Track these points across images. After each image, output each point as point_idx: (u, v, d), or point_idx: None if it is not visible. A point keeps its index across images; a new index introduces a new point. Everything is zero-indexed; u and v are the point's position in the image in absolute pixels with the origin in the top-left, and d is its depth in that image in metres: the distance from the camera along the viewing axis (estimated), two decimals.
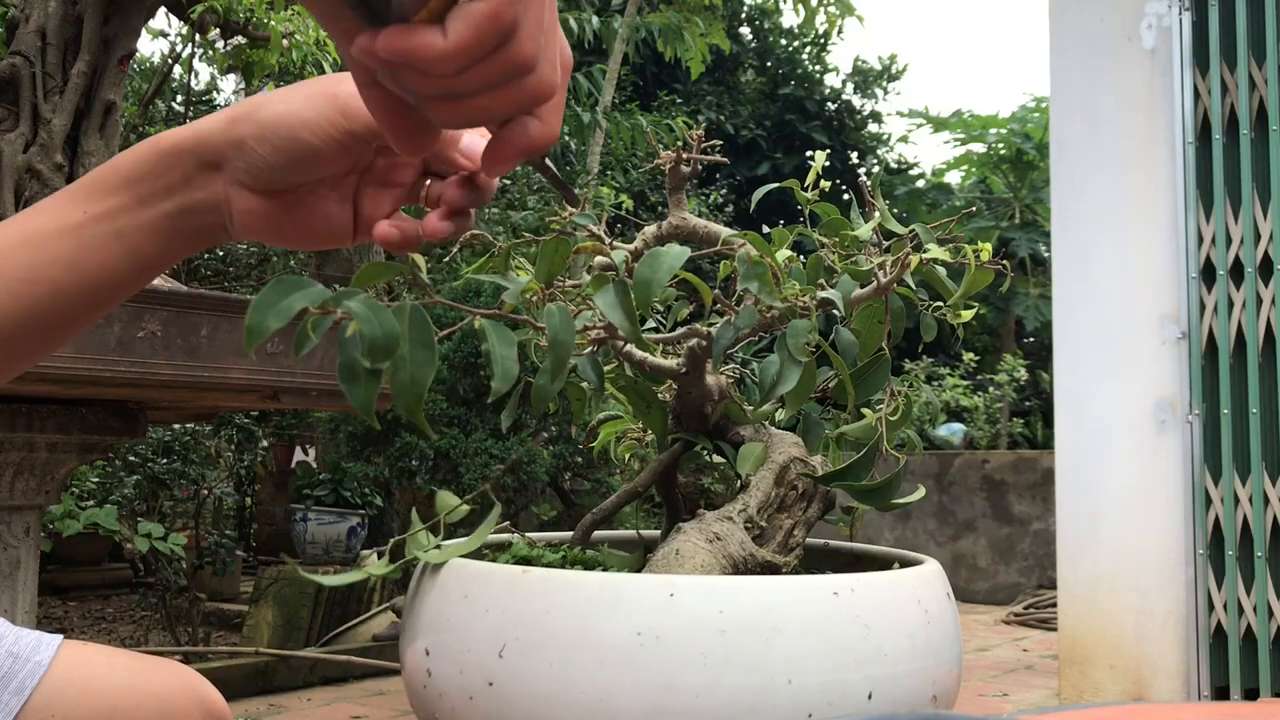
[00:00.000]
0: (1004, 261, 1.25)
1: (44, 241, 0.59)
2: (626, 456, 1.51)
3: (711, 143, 1.38)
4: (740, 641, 0.99)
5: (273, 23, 2.61)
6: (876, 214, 1.27)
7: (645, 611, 0.98)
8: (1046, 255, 10.65)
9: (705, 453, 1.41)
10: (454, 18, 0.44)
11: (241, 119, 0.59)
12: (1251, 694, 2.55)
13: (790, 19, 13.18)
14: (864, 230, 1.27)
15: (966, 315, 1.27)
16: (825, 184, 1.37)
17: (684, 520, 1.28)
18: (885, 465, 1.30)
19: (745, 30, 12.90)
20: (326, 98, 0.58)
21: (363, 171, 0.63)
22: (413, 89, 0.46)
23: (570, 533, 1.46)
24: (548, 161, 0.57)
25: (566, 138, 5.94)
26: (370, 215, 0.63)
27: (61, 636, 0.80)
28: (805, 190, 1.32)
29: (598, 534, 1.47)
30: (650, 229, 1.32)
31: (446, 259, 5.09)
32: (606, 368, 1.31)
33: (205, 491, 4.29)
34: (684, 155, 1.31)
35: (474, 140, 0.60)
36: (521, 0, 0.45)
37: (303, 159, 0.59)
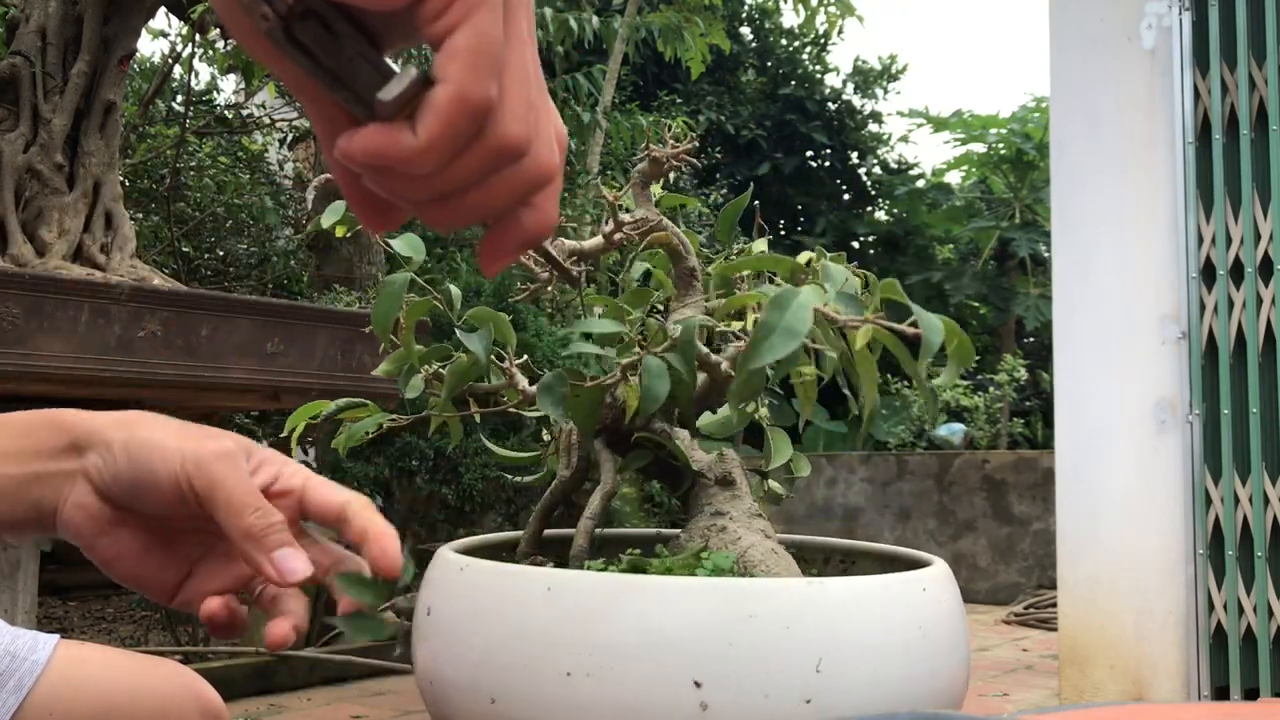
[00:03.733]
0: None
1: None
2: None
3: (689, 144, 1.37)
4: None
5: None
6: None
7: (732, 616, 0.95)
8: (1046, 255, 10.66)
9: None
10: (421, 110, 0.39)
11: (127, 424, 0.59)
12: (1251, 694, 2.55)
13: (790, 19, 13.17)
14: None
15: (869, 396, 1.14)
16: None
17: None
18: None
19: (745, 30, 12.90)
20: (192, 449, 0.58)
21: (204, 540, 0.62)
22: (400, 194, 0.42)
23: (563, 531, 1.45)
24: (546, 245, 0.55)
25: (566, 137, 5.93)
26: (200, 586, 0.61)
27: (58, 636, 0.80)
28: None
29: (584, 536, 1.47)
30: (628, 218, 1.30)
31: (444, 258, 5.09)
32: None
33: None
34: (657, 151, 1.30)
35: (288, 557, 0.57)
36: (495, 75, 0.40)
37: (145, 483, 0.58)
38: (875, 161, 13.19)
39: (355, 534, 0.60)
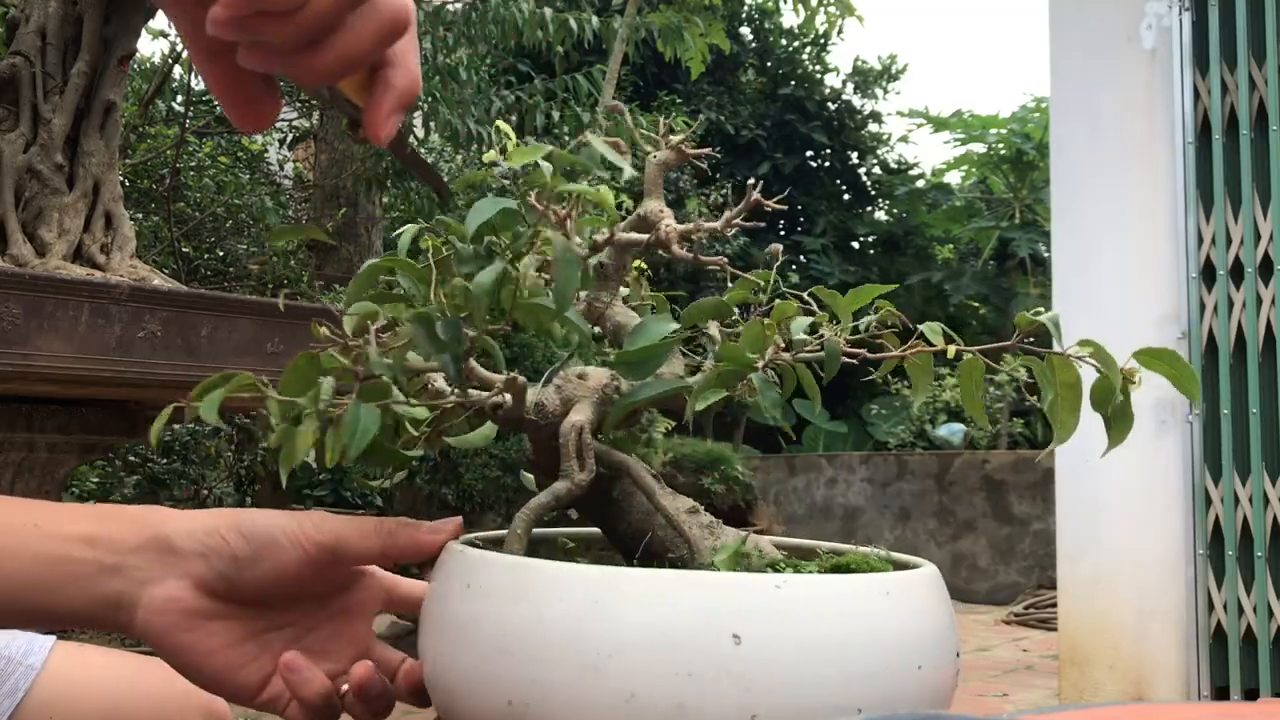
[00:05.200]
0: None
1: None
2: None
3: (704, 151, 1.36)
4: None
5: None
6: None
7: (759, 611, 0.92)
8: (1046, 255, 10.66)
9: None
10: None
11: (221, 514, 0.61)
12: (1251, 694, 2.55)
13: (790, 19, 13.18)
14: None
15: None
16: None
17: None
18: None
19: (745, 30, 12.90)
20: (313, 519, 0.61)
21: (294, 637, 0.63)
22: (275, 42, 0.46)
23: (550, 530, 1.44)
24: (410, 145, 0.58)
25: (566, 138, 5.94)
26: (285, 689, 0.63)
27: (55, 638, 0.80)
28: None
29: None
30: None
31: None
32: None
33: (205, 491, 4.29)
34: (686, 149, 1.29)
35: (436, 526, 0.62)
36: None
37: (266, 555, 0.60)
38: (875, 161, 13.19)
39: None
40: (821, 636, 0.77)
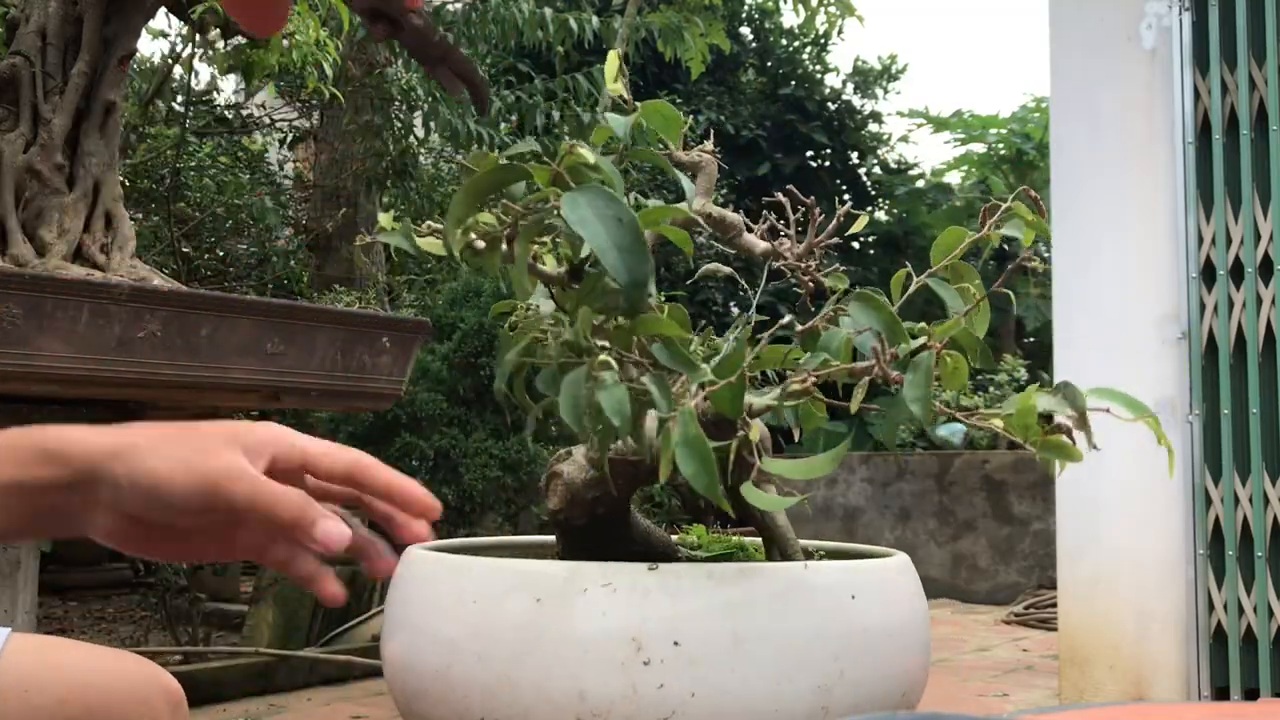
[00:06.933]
0: None
1: None
2: None
3: (713, 150, 1.37)
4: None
5: None
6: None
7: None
8: (1047, 255, 10.65)
9: None
10: None
11: (124, 455, 0.59)
12: (1251, 694, 2.55)
13: (790, 19, 13.16)
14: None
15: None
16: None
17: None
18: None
19: (745, 30, 12.88)
20: (200, 475, 0.58)
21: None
22: None
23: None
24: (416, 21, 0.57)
25: (566, 137, 5.94)
26: (251, 538, 0.63)
27: (9, 629, 0.80)
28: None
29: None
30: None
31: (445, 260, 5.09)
32: None
33: None
34: (713, 154, 1.31)
35: (329, 530, 0.60)
36: None
37: (165, 514, 0.59)
38: (875, 161, 13.17)
39: (376, 490, 0.63)
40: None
